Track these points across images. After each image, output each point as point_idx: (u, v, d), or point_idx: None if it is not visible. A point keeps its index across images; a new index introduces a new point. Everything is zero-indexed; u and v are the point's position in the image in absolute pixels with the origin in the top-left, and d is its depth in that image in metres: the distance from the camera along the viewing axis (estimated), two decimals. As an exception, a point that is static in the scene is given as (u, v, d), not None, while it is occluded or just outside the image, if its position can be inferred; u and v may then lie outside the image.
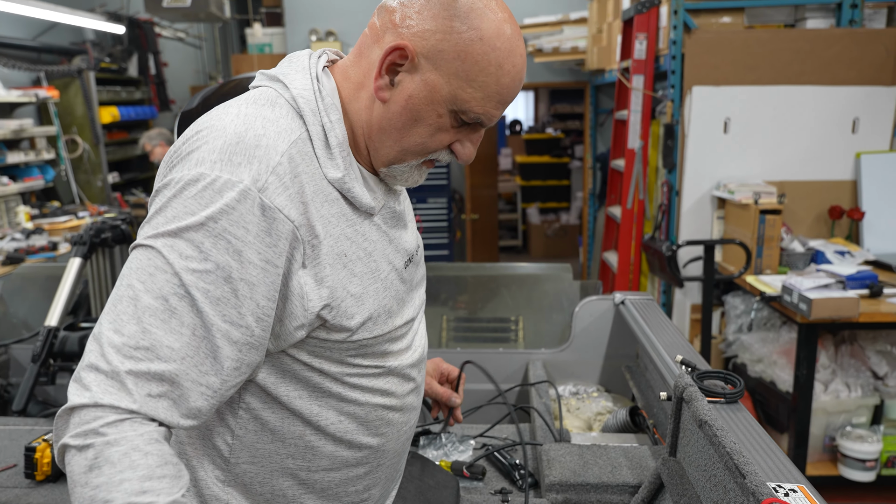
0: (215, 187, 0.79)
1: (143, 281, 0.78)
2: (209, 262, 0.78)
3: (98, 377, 0.75)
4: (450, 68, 0.86)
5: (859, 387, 2.81)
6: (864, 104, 3.27)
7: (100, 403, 0.74)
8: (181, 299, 0.78)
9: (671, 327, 1.63)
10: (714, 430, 0.98)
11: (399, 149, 0.91)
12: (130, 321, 0.76)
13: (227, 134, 0.83)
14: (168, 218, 0.80)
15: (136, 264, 0.79)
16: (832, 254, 3.07)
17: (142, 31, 6.60)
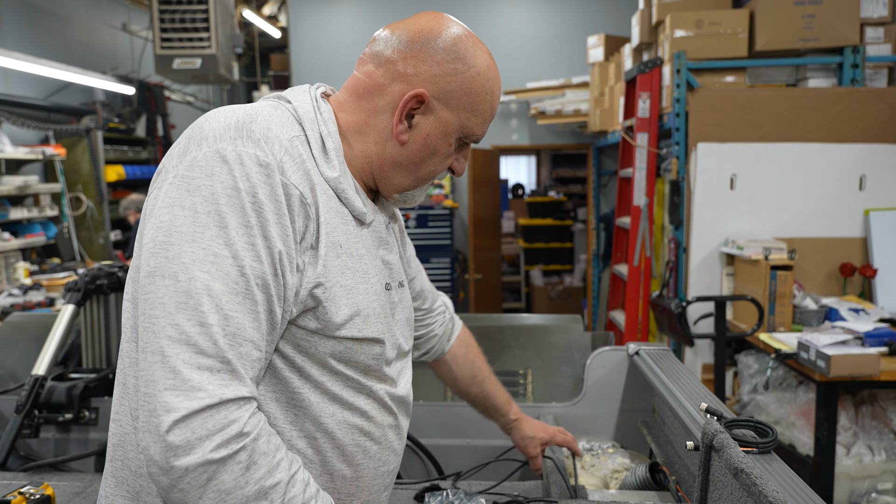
0: (244, 162, 0.82)
1: (208, 270, 0.78)
2: (257, 238, 0.81)
3: (204, 374, 0.75)
4: (458, 104, 0.98)
5: (883, 450, 2.68)
6: (870, 161, 3.27)
7: (224, 399, 0.74)
8: (247, 280, 0.79)
9: (690, 377, 1.54)
10: (753, 478, 0.89)
11: (414, 178, 1.02)
12: (211, 312, 0.77)
13: (238, 115, 0.87)
14: (205, 198, 0.80)
15: (192, 256, 0.78)
16: (846, 311, 3.00)
17: (151, 94, 6.73)
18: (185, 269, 0.78)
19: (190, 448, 0.72)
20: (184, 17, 5.10)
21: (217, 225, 0.79)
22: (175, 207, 0.81)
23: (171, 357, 0.74)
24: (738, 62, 3.41)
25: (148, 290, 0.79)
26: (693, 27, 3.43)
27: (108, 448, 0.93)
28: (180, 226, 0.79)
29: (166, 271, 0.78)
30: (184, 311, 0.76)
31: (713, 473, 1.06)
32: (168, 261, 0.78)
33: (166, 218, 0.81)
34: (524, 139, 6.49)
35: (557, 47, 6.30)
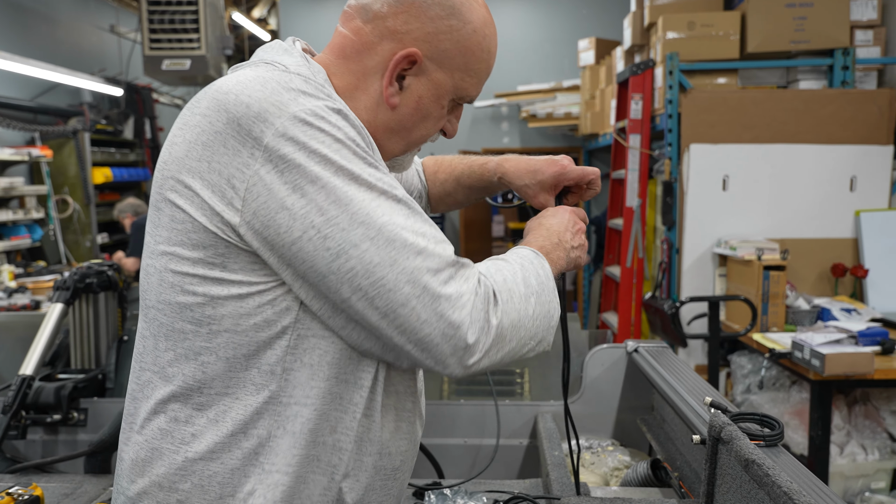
0: (323, 115, 0.80)
1: (381, 214, 0.78)
2: (380, 170, 0.82)
3: (451, 283, 0.79)
4: (453, 64, 0.91)
5: (876, 449, 2.69)
6: (861, 163, 3.29)
7: (474, 286, 0.81)
8: (404, 202, 0.81)
9: (690, 373, 1.53)
10: (765, 469, 0.87)
11: (405, 144, 0.97)
12: (416, 238, 0.79)
13: (272, 79, 0.83)
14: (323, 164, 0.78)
15: (361, 213, 0.78)
16: (838, 311, 3.01)
17: (139, 96, 6.67)
18: (367, 227, 0.77)
19: (486, 327, 0.81)
20: (173, 18, 5.05)
21: (351, 179, 0.79)
22: (305, 186, 0.77)
23: (426, 290, 0.78)
24: (729, 64, 3.42)
25: (347, 267, 0.77)
26: (685, 29, 3.44)
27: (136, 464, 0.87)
28: (325, 198, 0.77)
29: (354, 239, 0.77)
30: (400, 254, 0.77)
31: (720, 466, 1.05)
32: (346, 231, 0.77)
33: (303, 202, 0.77)
34: (515, 142, 6.49)
35: (548, 51, 6.32)
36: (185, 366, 0.84)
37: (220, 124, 0.79)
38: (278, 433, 0.84)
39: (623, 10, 5.34)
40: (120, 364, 2.05)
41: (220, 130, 0.79)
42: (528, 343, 0.87)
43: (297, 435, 0.84)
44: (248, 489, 0.83)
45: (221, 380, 0.83)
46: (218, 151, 0.79)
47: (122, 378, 2.03)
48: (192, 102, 0.86)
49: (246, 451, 0.83)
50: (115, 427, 1.47)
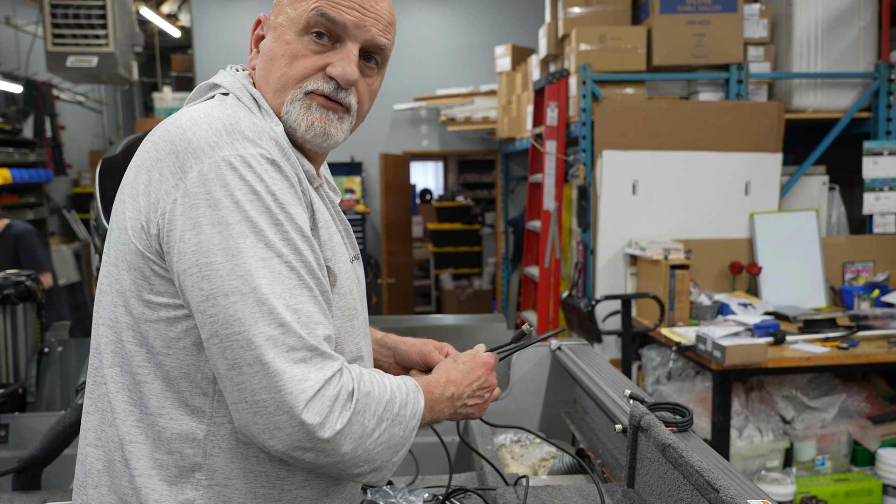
0: (252, 163, 0.83)
1: (264, 276, 0.80)
2: (290, 232, 0.83)
3: (301, 366, 0.80)
4: (282, 4, 0.96)
5: (770, 431, 2.95)
6: (755, 169, 3.58)
7: (327, 378, 0.81)
8: (297, 272, 0.83)
9: (609, 368, 1.66)
10: (679, 451, 0.99)
11: (273, 91, 0.95)
12: (285, 311, 0.80)
13: (219, 118, 0.86)
14: (230, 209, 0.81)
15: (245, 267, 0.80)
16: (736, 306, 3.27)
17: (38, 93, 6.31)
18: (244, 281, 0.79)
19: (324, 423, 0.80)
20: (78, 13, 4.83)
21: (252, 231, 0.81)
22: (205, 227, 0.81)
23: (269, 362, 0.79)
24: (637, 75, 3.65)
25: (211, 312, 0.80)
26: (597, 42, 3.63)
27: (89, 475, 0.92)
28: (219, 242, 0.80)
29: (227, 289, 0.79)
30: (262, 318, 0.79)
31: (640, 452, 1.17)
32: (223, 279, 0.80)
33: (198, 239, 0.81)
34: (434, 145, 6.60)
35: (466, 56, 6.46)
36: (129, 383, 0.89)
37: (163, 153, 0.85)
38: (214, 451, 0.88)
39: (538, 18, 5.55)
40: (41, 377, 1.99)
41: (161, 158, 0.85)
42: (361, 465, 0.86)
43: (232, 451, 0.89)
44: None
45: (157, 399, 0.88)
46: (154, 177, 0.85)
47: (44, 392, 1.97)
48: (151, 132, 0.92)
49: (183, 468, 0.88)
50: (46, 442, 1.45)
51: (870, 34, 3.65)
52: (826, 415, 2.97)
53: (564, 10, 3.85)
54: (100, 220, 1.72)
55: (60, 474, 1.70)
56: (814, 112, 3.68)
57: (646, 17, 3.69)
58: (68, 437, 1.46)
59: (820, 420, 2.97)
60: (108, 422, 0.90)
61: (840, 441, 2.99)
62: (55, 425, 1.46)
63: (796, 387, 3.02)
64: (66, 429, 1.46)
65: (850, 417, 3.03)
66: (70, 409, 1.48)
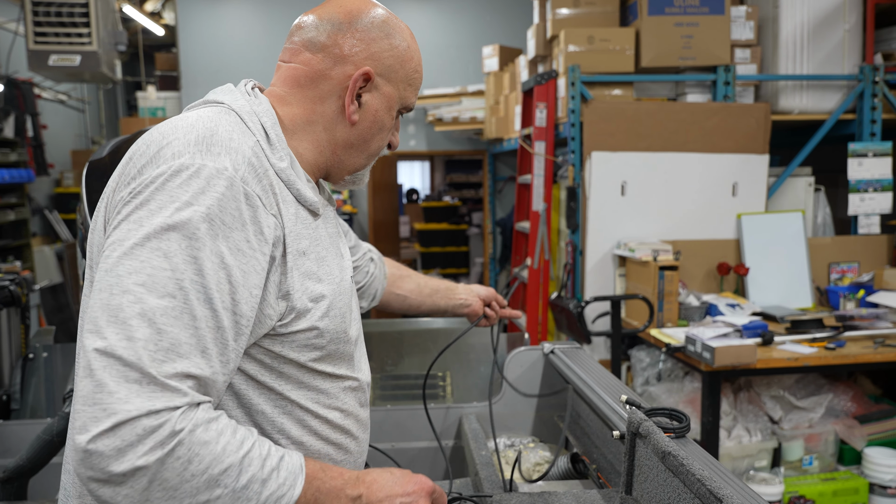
0: (202, 175, 0.81)
1: (143, 283, 0.76)
2: (205, 252, 0.79)
3: (132, 386, 0.72)
4: (397, 77, 1.04)
5: (758, 431, 2.97)
6: (742, 170, 3.60)
7: (152, 410, 0.72)
8: (185, 293, 0.77)
9: (604, 372, 1.66)
10: (679, 459, 0.99)
11: (365, 157, 1.07)
12: (141, 326, 0.74)
13: (198, 129, 0.86)
14: (153, 211, 0.79)
15: (129, 267, 0.76)
16: (724, 306, 3.29)
17: (19, 92, 6.22)
18: (119, 281, 0.76)
19: (121, 455, 0.70)
20: (60, 11, 4.76)
21: (157, 237, 0.77)
22: (122, 223, 0.80)
23: (96, 371, 0.72)
24: (625, 77, 3.65)
25: (88, 304, 0.79)
26: (585, 43, 3.64)
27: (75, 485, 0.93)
28: (123, 239, 0.79)
29: (103, 284, 0.77)
30: (113, 325, 0.74)
31: (638, 458, 1.16)
32: (106, 273, 0.77)
33: (115, 235, 0.80)
34: (422, 145, 6.58)
35: (453, 56, 6.45)
36: None
37: (137, 154, 0.87)
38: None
39: (525, 19, 5.55)
40: (26, 384, 1.95)
41: (133, 158, 0.87)
42: (96, 485, 0.72)
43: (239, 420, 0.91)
44: None
45: None
46: (123, 174, 0.87)
47: (29, 398, 1.94)
48: (142, 135, 0.93)
49: None
50: (33, 451, 1.42)
51: (854, 36, 3.69)
52: (813, 415, 3.00)
53: (553, 12, 3.85)
54: (86, 223, 1.69)
55: (47, 484, 1.67)
56: (800, 114, 3.71)
57: (634, 18, 3.70)
58: (55, 447, 1.44)
59: (807, 420, 2.99)
60: None
61: (827, 440, 3.01)
62: (42, 434, 1.43)
63: (784, 387, 3.05)
64: (52, 438, 1.43)
65: (837, 417, 3.05)
66: (57, 418, 1.45)
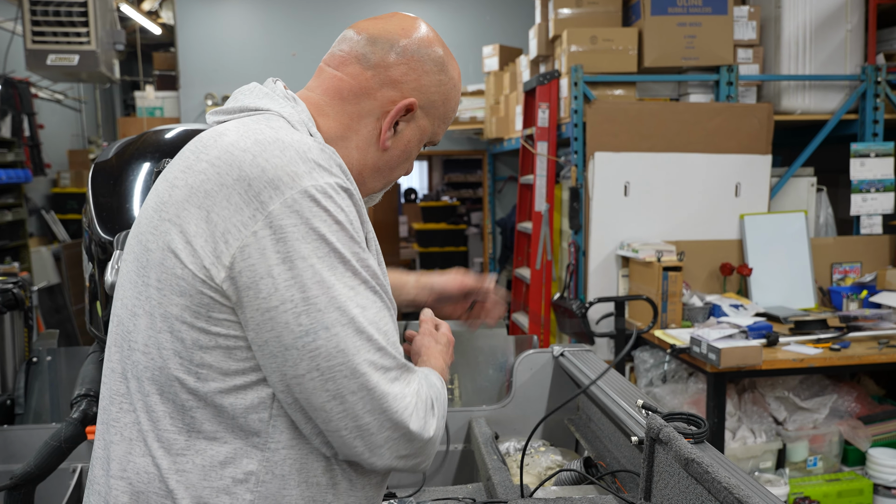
0: (332, 193, 0.83)
1: (357, 304, 0.82)
2: (368, 258, 0.86)
3: (396, 384, 0.85)
4: (436, 112, 1.02)
5: (763, 432, 2.96)
6: (744, 170, 3.60)
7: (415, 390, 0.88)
8: (380, 296, 0.86)
9: (616, 375, 1.65)
10: (704, 466, 0.98)
11: (386, 181, 1.06)
12: (378, 335, 0.84)
13: (291, 144, 0.84)
14: (319, 241, 0.81)
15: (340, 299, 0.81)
16: (727, 307, 3.28)
17: (16, 91, 6.17)
18: (342, 313, 0.81)
19: (426, 427, 0.88)
20: (58, 10, 4.73)
21: (340, 262, 0.82)
22: (296, 261, 0.80)
23: (375, 387, 0.82)
24: (628, 77, 3.64)
25: (312, 346, 0.80)
26: (588, 43, 3.63)
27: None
28: (311, 276, 0.80)
29: (327, 322, 0.80)
30: (363, 347, 0.82)
31: (657, 465, 1.15)
32: (322, 312, 0.80)
33: (291, 274, 0.80)
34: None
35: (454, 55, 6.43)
36: (173, 410, 0.85)
37: (229, 178, 0.82)
38: (266, 478, 0.86)
39: (526, 18, 5.54)
40: (29, 388, 1.93)
41: (227, 184, 0.82)
42: (423, 458, 0.92)
43: (285, 478, 0.87)
44: None
45: (210, 423, 0.85)
46: (220, 203, 0.81)
47: (33, 403, 1.91)
48: (198, 147, 0.87)
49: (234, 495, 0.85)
50: (41, 458, 1.40)
51: (857, 37, 3.68)
52: (818, 415, 2.99)
53: (555, 11, 3.84)
54: (93, 226, 1.67)
55: (52, 490, 1.65)
56: (802, 114, 3.71)
57: (637, 18, 3.69)
58: (63, 453, 1.41)
59: (812, 421, 2.98)
60: (141, 452, 0.86)
61: (832, 441, 3.01)
62: (50, 441, 1.41)
63: (788, 388, 3.04)
64: (61, 444, 1.41)
65: (841, 418, 3.05)
66: (65, 424, 1.43)
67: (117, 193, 1.63)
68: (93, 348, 1.63)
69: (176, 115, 6.28)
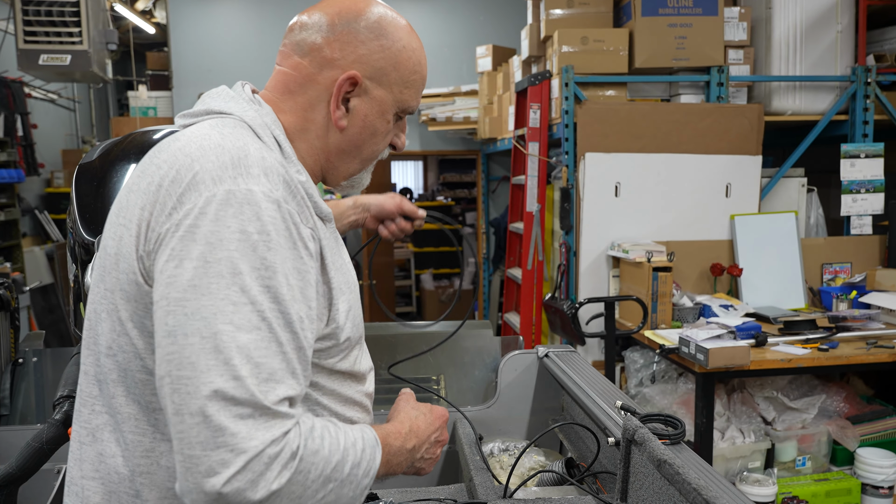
0: (252, 201, 0.80)
1: (230, 321, 0.76)
2: (276, 279, 0.79)
3: (248, 422, 0.74)
4: (390, 79, 0.99)
5: (752, 432, 2.97)
6: (735, 171, 3.61)
7: (273, 439, 0.75)
8: (269, 324, 0.78)
9: (598, 376, 1.65)
10: (675, 468, 0.98)
11: (360, 162, 1.04)
12: (242, 364, 0.75)
13: (229, 149, 0.83)
14: (213, 245, 0.77)
15: (210, 308, 0.76)
16: (717, 307, 3.29)
17: (9, 90, 6.16)
18: (206, 324, 0.75)
19: (255, 486, 0.74)
20: (50, 10, 4.73)
21: (230, 272, 0.77)
22: (184, 260, 0.77)
23: (212, 416, 0.73)
24: (619, 78, 3.65)
25: (170, 350, 0.76)
26: (579, 43, 3.63)
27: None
28: (192, 279, 0.77)
29: (188, 329, 0.75)
30: (215, 368, 0.74)
31: (633, 465, 1.16)
32: (187, 317, 0.76)
33: (175, 272, 0.78)
34: (415, 145, 6.56)
35: (447, 56, 6.43)
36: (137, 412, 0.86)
37: (167, 180, 0.83)
38: None
39: (519, 18, 5.54)
40: (15, 389, 1.93)
41: (164, 185, 0.83)
42: None
43: None
44: None
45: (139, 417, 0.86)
46: (158, 204, 0.83)
47: (18, 404, 1.92)
48: (155, 152, 0.89)
49: None
50: (23, 459, 1.40)
51: (847, 37, 3.70)
52: (806, 415, 3.00)
53: (546, 12, 3.84)
54: (76, 227, 1.67)
55: (37, 490, 1.65)
56: (792, 115, 3.72)
57: (628, 19, 3.70)
58: (45, 454, 1.42)
59: (800, 421, 3.00)
60: (111, 453, 0.86)
61: (820, 441, 3.02)
62: (32, 442, 1.42)
63: (777, 388, 3.05)
64: (43, 445, 1.41)
65: (830, 418, 3.06)
66: (47, 425, 1.43)
67: (100, 195, 1.64)
68: (76, 349, 1.63)
69: (169, 115, 6.28)
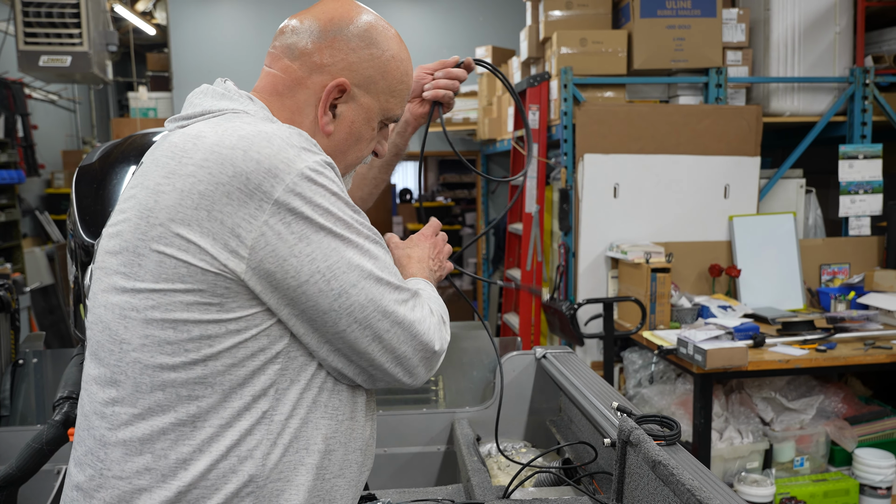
0: (320, 171, 0.88)
1: (367, 259, 0.91)
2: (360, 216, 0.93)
3: (417, 311, 0.95)
4: (377, 88, 1.02)
5: (750, 433, 2.98)
6: (733, 172, 3.62)
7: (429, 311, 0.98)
8: (378, 243, 0.94)
9: (596, 377, 1.66)
10: (670, 469, 0.99)
11: (343, 166, 1.06)
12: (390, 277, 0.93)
13: (274, 133, 0.88)
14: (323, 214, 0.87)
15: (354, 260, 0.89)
16: (716, 308, 3.30)
17: (9, 92, 6.18)
18: (359, 270, 0.90)
19: (443, 340, 1.00)
20: (51, 12, 4.74)
21: (345, 227, 0.90)
22: (308, 237, 0.87)
23: (404, 318, 0.93)
24: (618, 79, 3.66)
25: (348, 304, 0.89)
26: (578, 45, 3.64)
27: None
28: (326, 247, 0.88)
29: (351, 280, 0.89)
30: (385, 290, 0.92)
31: (629, 466, 1.17)
32: (346, 274, 0.89)
33: (308, 249, 0.87)
34: (415, 146, 6.56)
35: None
36: (175, 402, 0.86)
37: (224, 177, 0.84)
38: (269, 448, 0.89)
39: (518, 20, 5.54)
40: (15, 390, 1.94)
41: (223, 182, 0.84)
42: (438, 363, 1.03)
43: (286, 447, 0.90)
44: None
45: (216, 410, 0.87)
46: (220, 202, 0.84)
47: (19, 405, 1.92)
48: (177, 152, 0.88)
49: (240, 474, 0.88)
50: (23, 460, 1.41)
51: (845, 39, 3.70)
52: (804, 416, 3.01)
53: (545, 14, 3.85)
54: (76, 229, 1.68)
55: (38, 490, 1.66)
56: (791, 116, 3.73)
57: (626, 21, 3.71)
58: (45, 455, 1.42)
59: (798, 421, 3.00)
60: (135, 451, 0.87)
61: (818, 442, 3.03)
62: (32, 443, 1.42)
63: (775, 388, 3.06)
64: (43, 446, 1.42)
65: (828, 418, 3.07)
66: (47, 426, 1.44)
67: (100, 197, 1.64)
68: (76, 351, 1.64)
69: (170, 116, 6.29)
